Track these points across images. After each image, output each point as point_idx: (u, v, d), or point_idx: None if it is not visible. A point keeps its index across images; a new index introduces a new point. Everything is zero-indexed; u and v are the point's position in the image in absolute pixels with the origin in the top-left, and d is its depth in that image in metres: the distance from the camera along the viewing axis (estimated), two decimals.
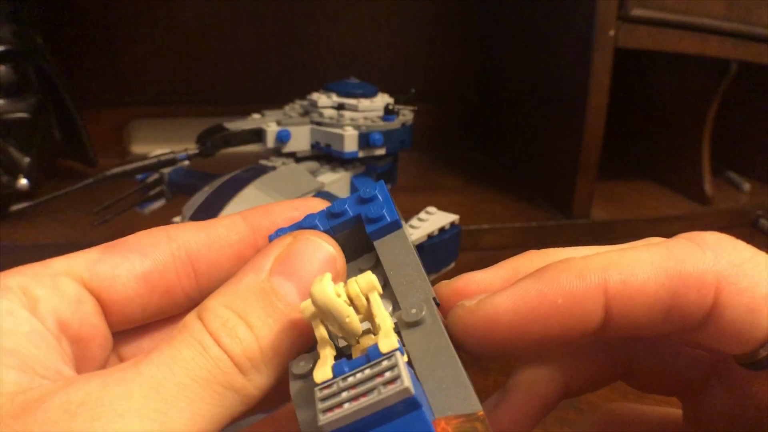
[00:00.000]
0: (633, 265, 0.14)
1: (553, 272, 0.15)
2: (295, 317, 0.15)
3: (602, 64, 0.61)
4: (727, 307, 0.14)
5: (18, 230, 0.57)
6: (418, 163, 0.87)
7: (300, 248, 0.16)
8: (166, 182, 0.47)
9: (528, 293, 0.14)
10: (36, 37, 0.66)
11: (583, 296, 0.14)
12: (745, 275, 0.14)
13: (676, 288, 0.14)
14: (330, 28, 0.88)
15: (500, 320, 0.15)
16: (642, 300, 0.14)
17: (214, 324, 0.15)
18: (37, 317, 0.15)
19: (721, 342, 0.15)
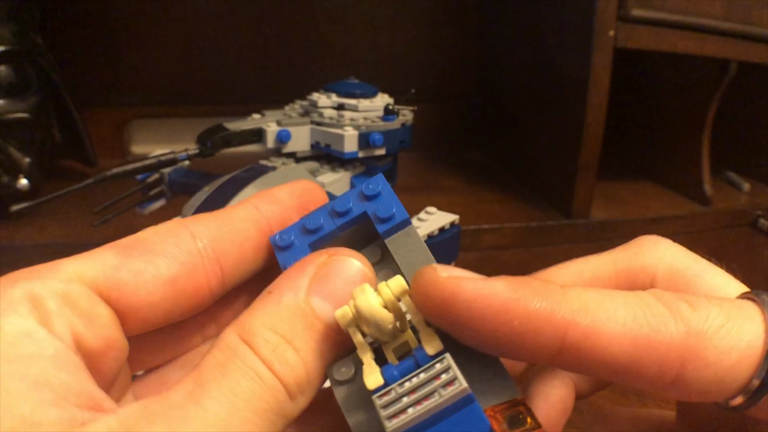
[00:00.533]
0: (605, 320, 0.14)
1: (527, 290, 0.14)
2: (330, 334, 0.15)
3: (602, 64, 0.62)
4: (691, 379, 0.14)
5: (18, 230, 0.57)
6: (418, 163, 0.87)
7: (335, 268, 0.16)
8: (166, 182, 0.47)
9: (495, 294, 0.14)
10: (36, 37, 0.66)
11: (542, 327, 0.14)
12: (713, 347, 0.14)
13: (639, 358, 0.14)
14: (330, 28, 0.88)
15: (457, 304, 0.14)
16: (599, 355, 0.14)
17: (266, 351, 0.14)
18: (54, 335, 0.14)
19: (684, 399, 0.15)
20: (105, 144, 0.81)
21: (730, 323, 0.14)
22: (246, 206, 0.18)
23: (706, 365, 0.14)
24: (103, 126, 0.82)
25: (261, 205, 0.19)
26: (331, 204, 0.18)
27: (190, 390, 0.13)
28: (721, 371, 0.14)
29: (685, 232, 0.71)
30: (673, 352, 0.14)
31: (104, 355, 0.15)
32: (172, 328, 0.18)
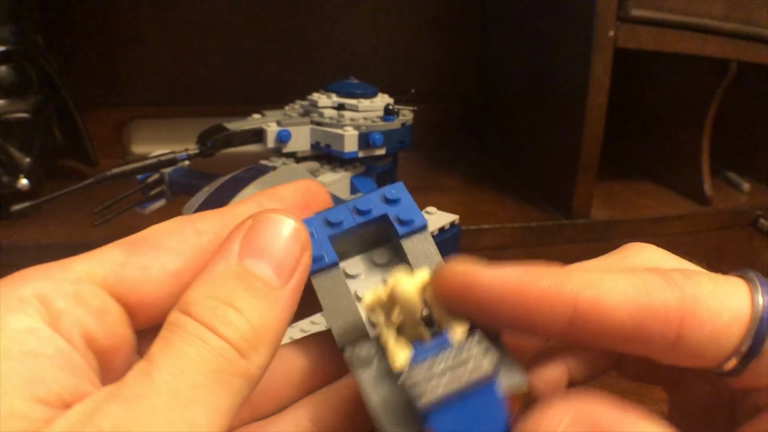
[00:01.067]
0: (608, 290, 0.16)
1: (537, 272, 0.16)
2: (274, 293, 0.16)
3: (602, 64, 0.62)
4: (690, 339, 0.15)
5: (18, 230, 0.58)
6: (418, 163, 0.87)
7: (263, 227, 0.16)
8: (166, 182, 0.47)
9: (509, 279, 0.16)
10: (37, 37, 0.66)
11: (553, 301, 0.15)
12: (707, 309, 0.15)
13: (642, 321, 0.15)
14: (330, 29, 0.88)
15: (475, 290, 0.16)
16: (607, 322, 0.15)
17: (205, 315, 0.15)
18: (61, 334, 0.14)
19: (687, 363, 0.16)
20: (105, 144, 0.81)
21: (719, 289, 0.16)
22: (249, 203, 0.19)
23: (702, 325, 0.15)
24: (104, 126, 0.82)
25: (265, 202, 0.19)
26: (353, 202, 0.19)
27: (141, 368, 0.14)
28: (716, 330, 0.15)
29: (685, 232, 0.71)
30: (672, 313, 0.15)
31: (115, 352, 0.16)
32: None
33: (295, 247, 0.16)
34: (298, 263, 0.16)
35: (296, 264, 0.16)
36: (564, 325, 0.16)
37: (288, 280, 0.16)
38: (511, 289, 0.16)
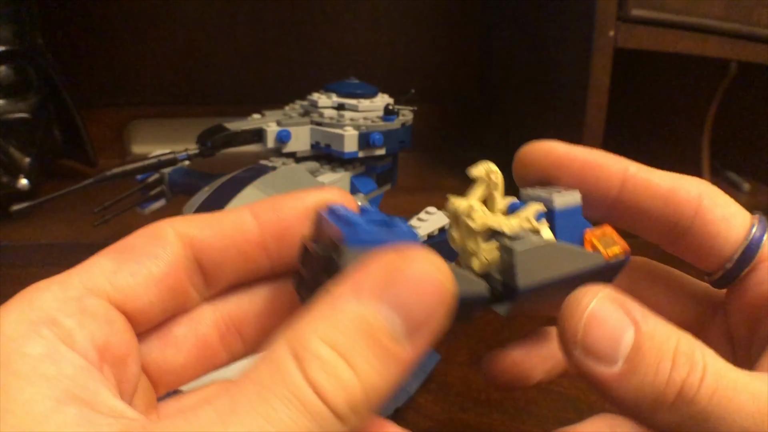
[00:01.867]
0: (648, 169, 0.21)
1: (601, 152, 0.21)
2: (398, 357, 0.14)
3: (602, 64, 0.62)
4: (707, 213, 0.20)
5: (18, 230, 0.58)
6: (418, 163, 0.87)
7: (408, 272, 0.14)
8: (166, 182, 0.47)
9: (578, 151, 0.21)
10: (36, 37, 0.66)
11: (609, 168, 0.21)
12: (720, 197, 0.20)
13: (673, 190, 0.20)
14: (330, 28, 0.88)
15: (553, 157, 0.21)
16: (647, 190, 0.20)
17: (314, 371, 0.13)
18: (77, 352, 0.14)
19: (701, 249, 0.20)
20: (105, 144, 0.81)
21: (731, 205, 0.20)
22: (242, 211, 0.18)
23: (716, 205, 0.20)
24: (104, 126, 0.83)
25: (259, 211, 0.18)
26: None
27: (222, 411, 0.12)
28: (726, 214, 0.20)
29: None
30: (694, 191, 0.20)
31: (127, 359, 0.16)
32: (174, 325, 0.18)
33: (437, 307, 0.14)
34: (433, 324, 0.14)
35: (432, 326, 0.14)
36: (616, 189, 0.20)
37: (417, 340, 0.14)
38: (580, 157, 0.21)
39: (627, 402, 0.16)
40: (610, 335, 0.16)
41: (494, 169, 0.20)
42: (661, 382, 0.16)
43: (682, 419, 0.16)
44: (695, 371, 0.16)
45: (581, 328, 0.16)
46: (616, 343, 0.16)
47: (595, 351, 0.16)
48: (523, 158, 0.22)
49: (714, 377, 0.16)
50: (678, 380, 0.16)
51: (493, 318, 0.49)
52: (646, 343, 0.16)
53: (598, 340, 0.16)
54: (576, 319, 0.17)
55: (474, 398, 0.38)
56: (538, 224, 0.19)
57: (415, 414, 0.36)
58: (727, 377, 0.16)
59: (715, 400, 0.16)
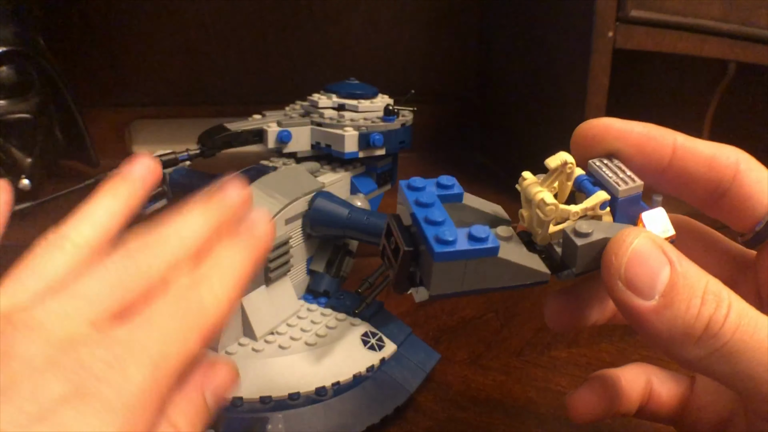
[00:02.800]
0: (693, 140, 0.23)
1: (653, 125, 0.23)
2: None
3: (601, 64, 0.62)
4: (744, 177, 0.22)
5: (19, 230, 0.57)
6: (418, 163, 0.88)
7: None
8: (167, 182, 0.48)
9: (634, 125, 0.23)
10: (38, 37, 0.66)
11: (662, 139, 0.23)
12: (755, 163, 0.22)
13: (715, 156, 0.22)
14: (330, 29, 0.88)
15: (613, 132, 0.23)
16: (693, 156, 0.22)
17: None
18: None
19: (737, 210, 0.22)
20: (106, 144, 0.81)
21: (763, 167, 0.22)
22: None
23: (750, 168, 0.22)
24: (105, 126, 0.83)
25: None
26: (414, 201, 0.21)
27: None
28: (761, 178, 0.22)
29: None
30: (733, 157, 0.22)
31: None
32: None
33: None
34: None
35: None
36: (668, 156, 0.23)
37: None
38: (636, 132, 0.23)
39: (661, 334, 0.18)
40: (649, 271, 0.18)
41: (570, 160, 0.22)
42: (691, 317, 0.18)
43: (708, 353, 0.18)
44: (721, 308, 0.18)
45: (624, 263, 0.19)
46: (654, 279, 0.18)
47: (635, 285, 0.18)
48: (583, 133, 0.24)
49: (737, 315, 0.18)
50: (706, 315, 0.18)
51: (493, 317, 0.49)
52: (680, 281, 0.18)
53: (639, 275, 0.18)
54: (620, 255, 0.19)
55: (474, 398, 0.38)
56: (601, 212, 0.21)
57: (415, 413, 0.37)
58: (749, 316, 0.18)
59: (738, 336, 0.18)
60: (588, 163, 0.23)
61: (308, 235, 0.41)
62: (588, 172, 0.23)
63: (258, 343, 0.36)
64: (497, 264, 0.20)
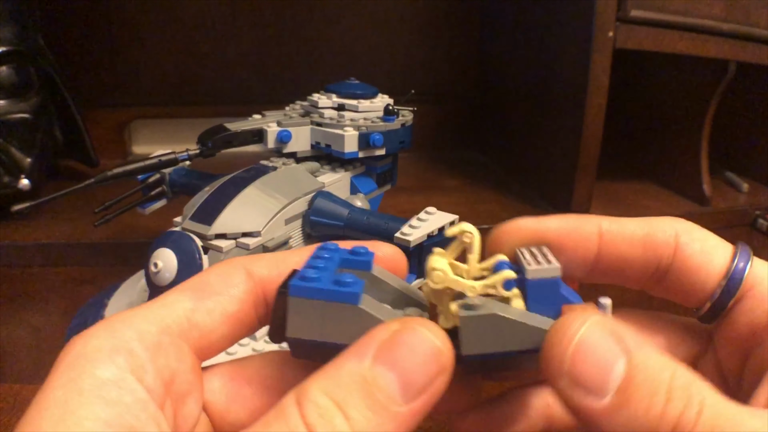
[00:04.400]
0: (621, 221, 0.20)
1: (572, 216, 0.21)
2: (391, 409, 0.15)
3: (601, 64, 0.62)
4: (686, 250, 0.19)
5: (19, 230, 0.58)
6: (418, 163, 0.88)
7: (406, 338, 0.16)
8: (167, 182, 0.47)
9: (549, 222, 0.20)
10: (37, 37, 0.66)
11: (583, 230, 0.20)
12: (697, 231, 0.20)
13: (649, 234, 0.20)
14: (330, 29, 0.88)
15: (524, 234, 0.20)
16: (624, 240, 0.20)
17: (311, 415, 0.14)
18: (144, 383, 0.15)
19: (684, 286, 0.20)
20: (106, 144, 0.81)
21: (704, 230, 0.20)
22: (303, 252, 0.20)
23: (693, 240, 0.20)
24: (104, 126, 0.83)
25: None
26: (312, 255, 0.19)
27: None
28: (705, 247, 0.20)
29: None
30: (670, 231, 0.20)
31: (188, 398, 0.17)
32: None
33: (431, 368, 0.15)
34: (430, 386, 0.15)
35: (427, 386, 0.15)
36: (595, 247, 0.20)
37: (412, 400, 0.15)
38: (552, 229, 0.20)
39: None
40: (600, 365, 0.15)
41: (468, 230, 0.18)
42: (654, 417, 0.15)
43: None
44: (691, 406, 0.15)
45: (568, 356, 0.16)
46: (606, 373, 0.15)
47: (583, 382, 0.15)
48: (495, 240, 0.21)
49: (712, 413, 0.15)
50: (673, 415, 0.15)
51: None
52: (639, 375, 0.15)
53: (587, 371, 0.15)
54: (563, 346, 0.16)
55: None
56: (508, 293, 0.18)
57: None
58: (726, 414, 0.15)
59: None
60: (516, 250, 0.20)
61: (308, 235, 0.41)
62: (512, 259, 0.19)
63: (258, 343, 0.36)
64: (359, 315, 0.17)
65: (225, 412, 0.19)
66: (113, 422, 0.14)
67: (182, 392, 0.17)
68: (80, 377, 0.15)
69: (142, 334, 0.16)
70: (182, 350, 0.17)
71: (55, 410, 0.14)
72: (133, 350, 0.16)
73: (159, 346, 0.16)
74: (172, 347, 0.17)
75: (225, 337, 0.18)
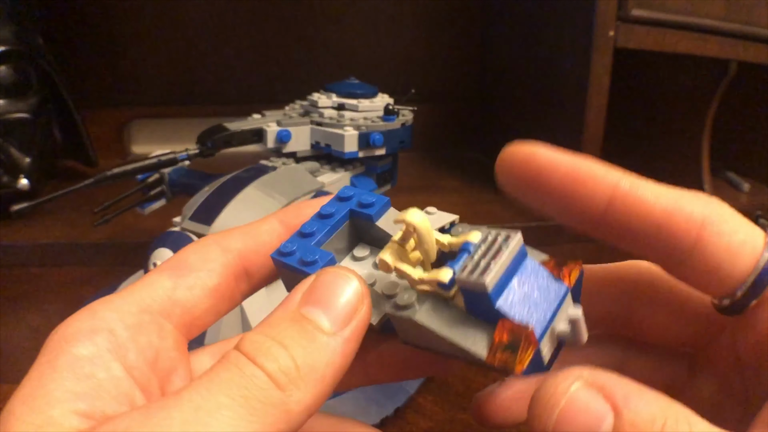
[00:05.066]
0: (643, 185, 0.18)
1: (587, 160, 0.18)
2: (324, 342, 0.16)
3: (602, 64, 0.62)
4: (709, 244, 0.17)
5: (18, 230, 0.58)
6: (418, 163, 0.88)
7: (325, 280, 0.17)
8: (166, 182, 0.47)
9: (563, 159, 0.18)
10: (37, 37, 0.66)
11: (598, 181, 0.18)
12: (726, 223, 0.17)
13: (669, 214, 0.17)
14: (330, 28, 0.88)
15: (534, 164, 0.19)
16: (638, 209, 0.17)
17: (249, 348, 0.15)
18: (125, 363, 0.16)
19: (703, 278, 0.18)
20: (105, 144, 0.81)
21: (738, 217, 0.17)
22: (270, 220, 0.20)
23: (720, 233, 0.17)
24: (104, 126, 0.83)
25: (284, 217, 0.20)
26: (317, 212, 0.20)
27: (179, 388, 0.15)
28: (732, 243, 0.17)
29: None
30: (696, 215, 0.17)
31: (173, 373, 0.17)
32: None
33: (353, 299, 0.17)
34: (354, 314, 0.17)
35: (352, 314, 0.17)
36: (603, 203, 0.18)
37: (341, 328, 0.16)
38: (564, 166, 0.18)
39: None
40: (585, 425, 0.15)
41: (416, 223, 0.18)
42: None
43: None
44: None
45: (554, 418, 0.15)
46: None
47: None
48: (503, 162, 0.20)
49: None
50: None
51: None
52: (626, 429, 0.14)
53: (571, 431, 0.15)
54: (549, 409, 0.15)
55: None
56: (447, 293, 0.17)
57: (415, 414, 0.36)
58: None
59: None
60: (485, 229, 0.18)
61: None
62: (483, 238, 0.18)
63: None
64: None
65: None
66: (82, 394, 0.14)
67: (167, 369, 0.17)
68: (57, 357, 0.15)
69: (123, 314, 0.17)
70: (164, 328, 0.17)
71: (28, 387, 0.15)
72: (113, 330, 0.16)
73: (140, 325, 0.17)
74: (154, 325, 0.17)
75: (208, 311, 0.19)
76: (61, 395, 0.14)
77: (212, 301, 0.19)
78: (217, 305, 0.19)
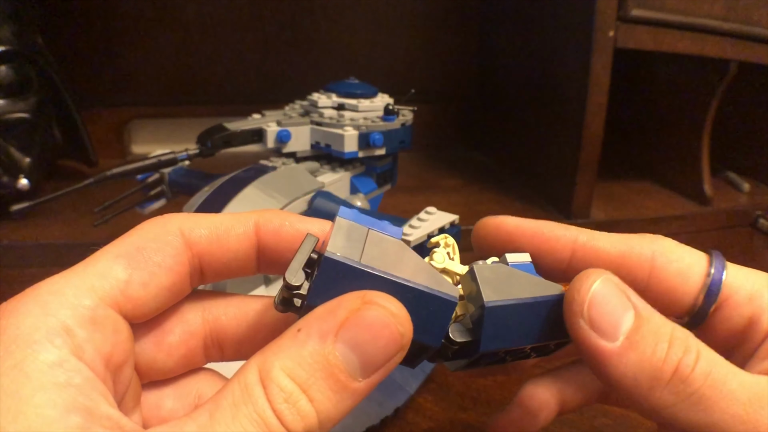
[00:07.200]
0: (598, 236, 0.21)
1: (550, 223, 0.22)
2: (350, 386, 0.16)
3: (602, 64, 0.62)
4: (661, 272, 0.20)
5: (18, 230, 0.58)
6: (418, 163, 0.88)
7: (370, 319, 0.16)
8: (166, 182, 0.47)
9: (527, 224, 0.22)
10: (36, 37, 0.66)
11: (559, 238, 0.21)
12: (673, 253, 0.21)
13: (624, 255, 0.21)
14: (330, 28, 0.88)
15: (504, 229, 0.22)
16: (597, 256, 0.21)
17: (277, 399, 0.15)
18: (85, 362, 0.15)
19: (663, 300, 0.20)
20: (105, 144, 0.81)
21: (682, 247, 0.21)
22: (247, 226, 0.20)
23: (670, 261, 0.20)
24: (103, 126, 0.83)
25: (265, 223, 0.20)
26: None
27: (202, 424, 0.15)
28: (681, 268, 0.20)
29: (684, 232, 0.71)
30: (646, 252, 0.21)
31: (125, 366, 0.17)
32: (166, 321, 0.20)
33: (391, 349, 0.16)
34: (387, 363, 0.16)
35: (384, 364, 0.16)
36: (567, 256, 0.21)
37: (370, 376, 0.16)
38: (529, 230, 0.22)
39: (625, 378, 0.17)
40: (613, 313, 0.18)
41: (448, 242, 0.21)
42: (658, 359, 0.17)
43: (678, 399, 0.17)
44: (690, 353, 0.17)
45: (587, 301, 0.18)
46: (618, 320, 0.18)
47: (598, 325, 0.18)
48: (477, 233, 0.23)
49: (707, 362, 0.17)
50: (674, 359, 0.17)
51: None
52: (645, 325, 0.18)
53: (602, 315, 0.18)
54: (583, 292, 0.18)
55: (474, 398, 0.38)
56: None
57: (415, 414, 0.36)
58: (720, 363, 0.17)
59: (709, 382, 0.17)
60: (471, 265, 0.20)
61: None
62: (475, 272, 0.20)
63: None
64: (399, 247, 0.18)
65: (152, 362, 0.19)
66: (70, 405, 0.14)
67: (120, 362, 0.17)
68: (23, 362, 0.14)
69: (77, 309, 0.16)
70: (117, 322, 0.17)
71: (10, 402, 0.14)
72: (70, 329, 0.16)
73: (94, 321, 0.16)
74: (108, 320, 0.17)
75: (158, 308, 0.18)
76: (53, 412, 0.14)
77: (163, 299, 0.18)
78: (167, 301, 0.19)
